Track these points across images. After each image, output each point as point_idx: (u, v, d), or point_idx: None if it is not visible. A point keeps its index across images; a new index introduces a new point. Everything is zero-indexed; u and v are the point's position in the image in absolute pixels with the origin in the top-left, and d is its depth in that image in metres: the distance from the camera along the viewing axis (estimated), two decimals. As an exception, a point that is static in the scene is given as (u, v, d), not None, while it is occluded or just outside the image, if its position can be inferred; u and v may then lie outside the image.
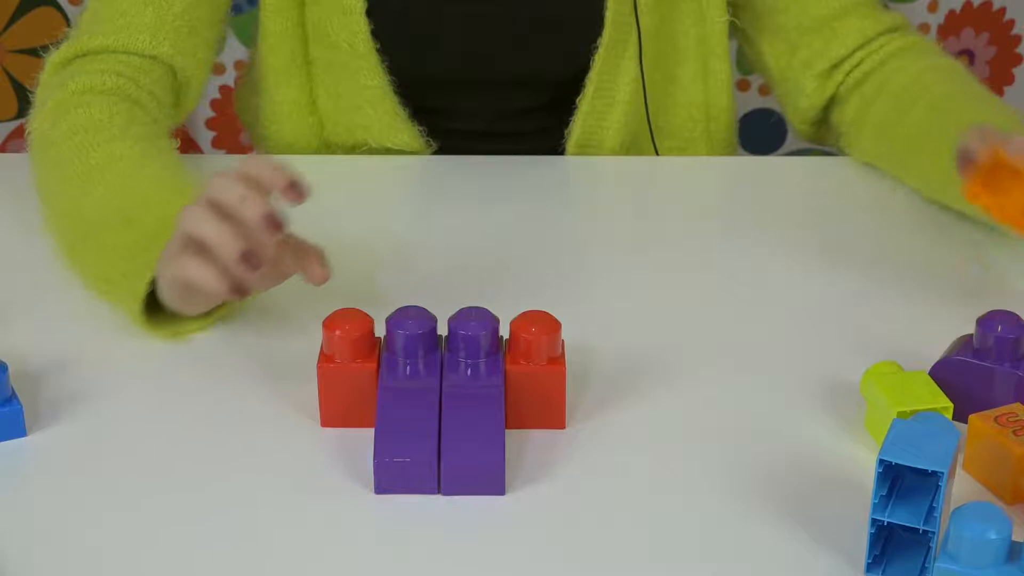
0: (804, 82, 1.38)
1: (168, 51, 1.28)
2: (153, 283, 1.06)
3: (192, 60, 1.30)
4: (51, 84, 1.25)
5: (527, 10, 1.35)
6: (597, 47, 1.34)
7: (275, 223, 0.98)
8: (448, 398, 0.96)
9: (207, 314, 1.09)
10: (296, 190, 0.99)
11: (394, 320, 0.99)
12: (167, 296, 1.05)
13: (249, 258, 0.98)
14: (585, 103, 1.37)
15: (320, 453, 0.98)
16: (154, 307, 1.08)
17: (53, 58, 1.28)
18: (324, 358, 0.99)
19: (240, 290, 1.00)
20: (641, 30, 1.33)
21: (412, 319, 0.99)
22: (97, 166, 1.13)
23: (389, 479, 0.93)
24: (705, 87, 1.41)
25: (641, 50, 1.34)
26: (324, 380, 0.99)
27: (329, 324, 0.99)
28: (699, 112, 1.42)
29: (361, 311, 1.00)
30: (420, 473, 0.93)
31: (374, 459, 0.93)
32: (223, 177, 1.00)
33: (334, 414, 1.00)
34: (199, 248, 1.00)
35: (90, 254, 1.11)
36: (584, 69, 1.36)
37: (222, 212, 0.99)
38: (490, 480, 0.93)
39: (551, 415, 1.00)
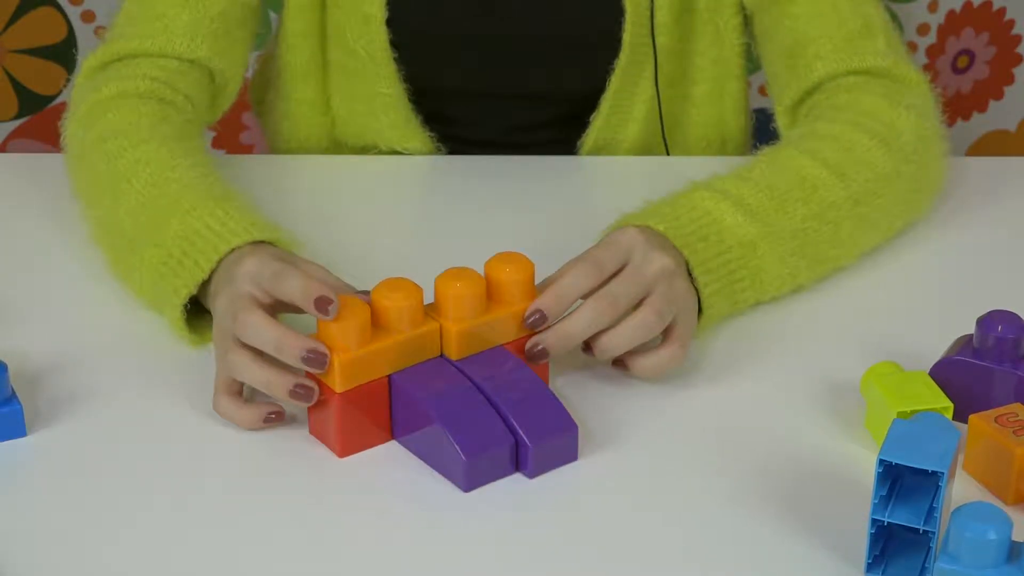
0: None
1: (206, 54, 1.26)
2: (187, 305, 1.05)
3: (229, 61, 1.29)
4: (86, 88, 1.24)
5: (545, 29, 1.34)
6: (614, 67, 1.33)
7: (318, 360, 0.94)
8: (490, 389, 0.96)
9: None
10: (323, 306, 0.94)
11: None
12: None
13: (301, 394, 0.96)
14: (599, 119, 1.36)
15: (321, 453, 0.98)
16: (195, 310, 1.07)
17: (89, 62, 1.26)
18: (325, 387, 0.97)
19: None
20: (657, 50, 1.32)
21: None
22: (124, 175, 1.12)
23: (477, 474, 0.94)
24: (720, 107, 1.40)
25: (657, 70, 1.33)
26: (341, 409, 0.97)
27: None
28: (713, 131, 1.41)
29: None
30: (503, 460, 0.94)
31: (464, 460, 0.93)
32: (249, 317, 0.96)
33: (352, 442, 0.98)
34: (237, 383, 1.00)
35: (127, 272, 1.10)
36: (601, 86, 1.35)
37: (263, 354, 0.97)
38: (567, 451, 0.96)
39: None
